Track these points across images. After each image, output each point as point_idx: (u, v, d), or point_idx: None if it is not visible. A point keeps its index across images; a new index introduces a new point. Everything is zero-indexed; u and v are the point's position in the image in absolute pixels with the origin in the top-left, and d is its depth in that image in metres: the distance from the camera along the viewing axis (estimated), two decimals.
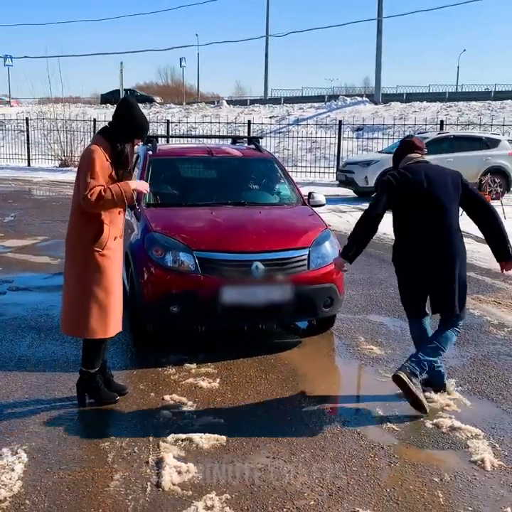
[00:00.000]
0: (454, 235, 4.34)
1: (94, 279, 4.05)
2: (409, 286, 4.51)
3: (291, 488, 3.34)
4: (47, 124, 26.32)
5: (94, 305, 4.07)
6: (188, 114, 32.99)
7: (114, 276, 4.14)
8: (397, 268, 4.56)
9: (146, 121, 4.15)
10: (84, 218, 4.06)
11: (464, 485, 3.40)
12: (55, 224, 12.22)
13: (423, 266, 4.35)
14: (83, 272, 4.07)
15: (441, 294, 4.41)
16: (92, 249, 4.03)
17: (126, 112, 4.06)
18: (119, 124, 4.05)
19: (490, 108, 28.02)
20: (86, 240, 4.05)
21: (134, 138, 4.10)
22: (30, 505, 3.16)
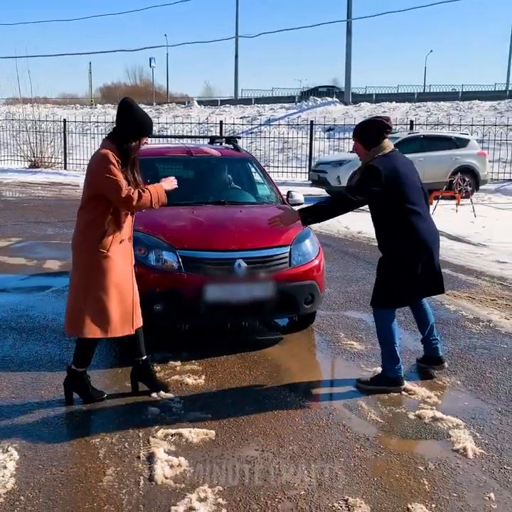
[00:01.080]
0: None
1: (96, 280, 4.08)
2: (415, 277, 4.47)
3: (282, 479, 3.41)
4: (16, 125, 26.02)
5: (92, 305, 4.09)
6: (158, 114, 32.93)
7: (117, 279, 4.13)
8: (402, 259, 4.47)
9: (149, 118, 4.20)
10: (90, 220, 4.09)
11: (448, 472, 3.52)
12: (28, 225, 12.15)
13: (433, 250, 4.49)
14: (85, 273, 4.11)
15: (439, 273, 4.60)
16: (96, 250, 4.06)
17: (127, 112, 4.10)
18: (123, 125, 4.09)
19: (458, 108, 28.53)
20: (91, 242, 4.08)
21: (141, 136, 4.15)
22: (25, 501, 3.18)
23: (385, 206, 4.45)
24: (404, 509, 3.15)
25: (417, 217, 4.44)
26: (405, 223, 4.42)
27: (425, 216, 4.52)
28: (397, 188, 4.38)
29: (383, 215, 4.51)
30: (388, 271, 4.55)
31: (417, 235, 4.42)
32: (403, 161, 4.56)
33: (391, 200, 4.39)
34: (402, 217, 4.41)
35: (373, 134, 4.53)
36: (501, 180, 19.86)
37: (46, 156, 24.95)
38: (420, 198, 4.55)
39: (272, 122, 27.03)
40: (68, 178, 22.22)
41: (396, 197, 4.38)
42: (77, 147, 25.21)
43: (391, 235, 4.50)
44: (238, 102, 42.77)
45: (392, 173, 4.35)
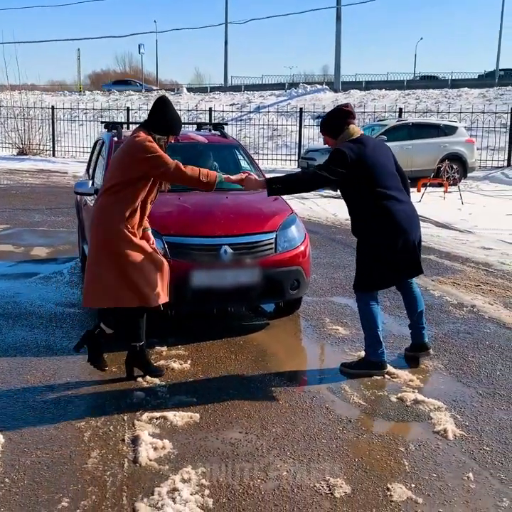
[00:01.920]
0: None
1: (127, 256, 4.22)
2: (392, 260, 4.52)
3: (264, 460, 3.46)
4: (4, 112, 25.89)
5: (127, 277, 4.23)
6: (147, 101, 32.76)
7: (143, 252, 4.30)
8: (378, 244, 4.49)
9: (179, 119, 4.42)
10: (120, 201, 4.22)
11: (428, 453, 3.58)
12: (16, 212, 12.12)
13: (408, 232, 4.50)
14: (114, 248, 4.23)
15: (415, 254, 4.62)
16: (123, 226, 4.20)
17: (163, 109, 4.32)
18: (156, 119, 4.29)
19: (447, 96, 28.57)
20: (117, 219, 4.20)
21: (169, 134, 4.33)
22: (10, 483, 3.22)
23: (356, 190, 4.49)
24: (384, 489, 3.21)
25: (389, 201, 4.46)
26: (378, 208, 4.45)
27: (401, 199, 4.52)
28: (365, 171, 4.41)
29: (355, 200, 4.55)
30: (364, 255, 4.60)
31: (391, 218, 4.44)
32: (373, 144, 4.58)
33: (362, 184, 4.43)
34: (374, 202, 4.44)
35: (335, 122, 4.60)
36: (489, 168, 19.94)
37: (34, 143, 24.83)
38: (394, 182, 4.56)
39: (262, 109, 26.99)
40: (56, 166, 22.15)
41: (366, 180, 4.42)
42: (65, 134, 25.11)
43: (364, 220, 4.53)
44: (228, 89, 42.58)
45: (358, 156, 4.39)
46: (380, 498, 3.14)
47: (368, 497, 3.15)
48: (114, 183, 4.26)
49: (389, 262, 4.53)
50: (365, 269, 4.61)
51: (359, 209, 4.55)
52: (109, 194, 4.28)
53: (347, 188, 4.54)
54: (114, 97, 35.63)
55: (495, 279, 7.40)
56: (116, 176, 4.28)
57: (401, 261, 4.55)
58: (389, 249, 4.47)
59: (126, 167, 4.24)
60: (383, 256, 4.49)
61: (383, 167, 4.53)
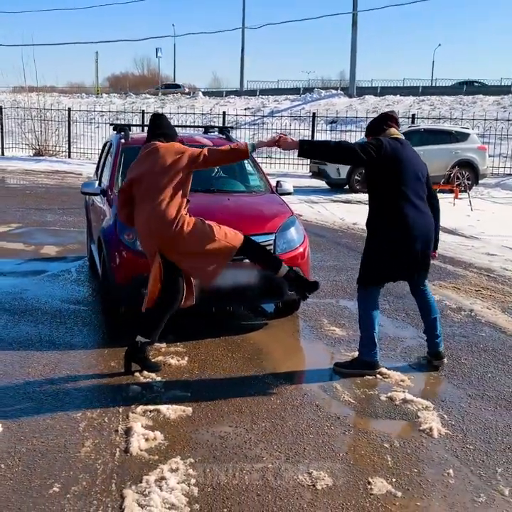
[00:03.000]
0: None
1: None
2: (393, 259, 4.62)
3: (251, 453, 3.57)
4: (21, 113, 26.20)
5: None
6: (163, 104, 33.06)
7: None
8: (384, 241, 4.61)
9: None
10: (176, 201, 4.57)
11: (412, 450, 3.67)
12: (29, 212, 12.32)
13: (417, 239, 4.58)
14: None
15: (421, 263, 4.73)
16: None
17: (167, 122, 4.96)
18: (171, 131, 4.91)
19: (461, 102, 28.55)
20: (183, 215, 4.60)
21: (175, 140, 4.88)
22: (5, 469, 3.35)
23: (381, 185, 4.60)
24: (365, 482, 3.31)
25: (408, 205, 4.56)
26: (395, 207, 4.55)
27: (420, 207, 4.62)
28: (396, 167, 4.52)
29: (377, 194, 4.66)
30: (369, 247, 4.72)
31: (403, 222, 4.54)
32: (410, 148, 4.71)
33: (388, 179, 4.54)
34: (394, 201, 4.55)
35: (377, 124, 4.80)
36: (501, 175, 19.92)
37: (50, 144, 25.12)
38: (419, 189, 4.66)
39: (276, 114, 27.13)
40: (72, 167, 22.39)
41: (393, 176, 4.52)
42: (81, 136, 25.37)
43: (379, 215, 4.64)
44: (243, 93, 42.82)
45: (393, 151, 4.52)
46: (360, 490, 3.24)
47: (349, 489, 3.25)
48: (168, 189, 4.52)
49: (389, 261, 4.63)
50: (365, 261, 4.76)
51: (378, 204, 4.67)
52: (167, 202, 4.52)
53: (373, 180, 4.66)
54: (130, 100, 35.98)
55: (496, 284, 7.46)
56: (166, 184, 4.52)
57: (403, 263, 4.64)
58: (392, 246, 4.57)
59: (172, 171, 4.53)
60: (385, 251, 4.60)
61: (413, 171, 4.62)
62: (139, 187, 4.65)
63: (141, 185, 4.63)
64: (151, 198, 4.55)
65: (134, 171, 4.76)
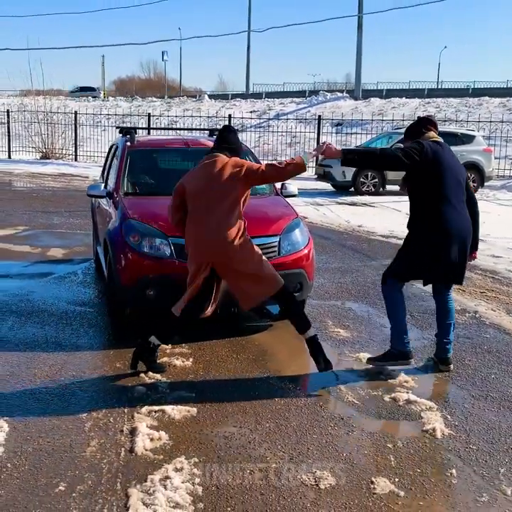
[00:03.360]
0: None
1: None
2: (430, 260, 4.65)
3: (255, 453, 3.60)
4: (28, 117, 26.34)
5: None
6: (169, 107, 33.17)
7: None
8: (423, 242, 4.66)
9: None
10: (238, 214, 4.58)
11: (415, 450, 3.69)
12: (35, 214, 12.39)
13: (454, 241, 4.61)
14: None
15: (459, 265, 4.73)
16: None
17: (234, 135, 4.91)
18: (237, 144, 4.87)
19: (467, 105, 28.53)
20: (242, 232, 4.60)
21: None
22: (12, 468, 3.39)
23: (422, 187, 4.63)
24: (368, 482, 3.33)
25: (449, 208, 4.61)
26: (436, 210, 4.59)
27: (460, 210, 4.66)
28: (437, 170, 4.56)
29: (418, 197, 4.70)
30: (411, 250, 4.75)
31: (444, 225, 4.59)
32: (450, 151, 4.76)
33: (429, 182, 4.58)
34: (435, 203, 4.59)
35: (415, 128, 4.84)
36: (507, 177, 19.89)
37: (57, 147, 25.27)
38: (459, 192, 4.70)
39: (281, 117, 27.18)
40: (78, 170, 22.49)
41: (434, 179, 4.56)
42: (87, 139, 25.49)
43: (421, 218, 4.68)
44: (249, 96, 42.89)
45: (434, 154, 4.57)
46: (363, 490, 3.26)
47: (352, 489, 3.27)
48: (226, 204, 4.51)
49: (430, 264, 4.67)
50: (406, 262, 4.79)
51: (419, 207, 4.70)
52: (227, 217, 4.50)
53: (415, 184, 4.71)
54: (136, 103, 36.10)
55: (501, 286, 7.46)
56: (224, 198, 4.52)
57: (439, 264, 4.66)
58: (433, 252, 4.61)
59: (230, 185, 4.52)
60: (426, 256, 4.64)
61: (454, 175, 4.66)
62: (194, 197, 4.60)
63: (198, 196, 4.58)
64: (209, 210, 4.51)
65: (190, 179, 4.70)
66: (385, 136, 18.32)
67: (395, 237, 10.62)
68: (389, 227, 11.51)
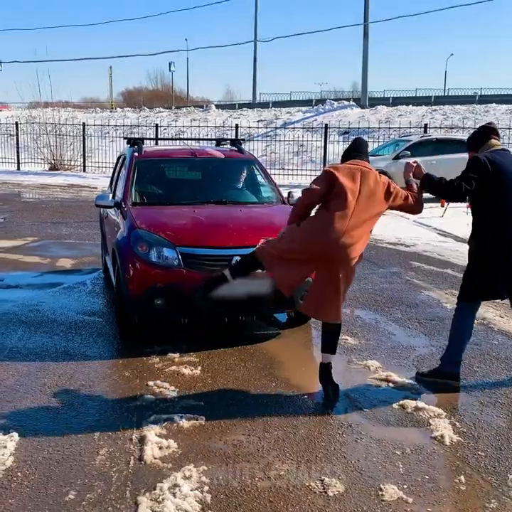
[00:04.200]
0: None
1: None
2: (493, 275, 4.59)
3: (264, 460, 3.61)
4: (36, 128, 26.51)
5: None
6: (177, 118, 33.29)
7: None
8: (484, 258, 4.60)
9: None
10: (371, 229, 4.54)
11: (424, 457, 3.69)
12: (44, 225, 12.46)
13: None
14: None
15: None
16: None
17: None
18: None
19: (474, 111, 28.48)
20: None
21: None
22: (22, 477, 3.42)
23: (484, 202, 4.55)
24: (377, 489, 3.33)
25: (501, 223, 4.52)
26: (498, 222, 4.52)
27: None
28: (497, 180, 4.46)
29: (480, 210, 4.62)
30: (470, 263, 4.71)
31: (505, 236, 4.52)
32: (510, 159, 4.63)
33: (491, 192, 4.49)
34: (497, 216, 4.51)
35: (477, 137, 4.78)
36: None
37: (66, 158, 25.40)
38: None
39: (288, 126, 27.23)
40: (87, 181, 22.60)
41: (495, 189, 4.47)
42: (96, 150, 25.59)
43: (481, 229, 4.61)
44: (256, 105, 42.99)
45: (494, 164, 4.46)
46: (371, 497, 3.27)
47: (361, 496, 3.28)
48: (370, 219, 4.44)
49: (488, 275, 4.59)
50: (465, 277, 4.76)
51: (480, 219, 4.62)
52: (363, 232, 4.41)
53: (476, 197, 4.61)
54: (144, 114, 36.27)
55: None
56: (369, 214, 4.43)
57: (503, 278, 4.60)
58: (492, 262, 4.55)
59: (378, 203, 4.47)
60: (485, 267, 4.58)
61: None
62: (341, 201, 4.36)
63: (345, 201, 4.36)
64: (351, 218, 4.34)
65: (344, 181, 4.40)
66: (392, 144, 18.35)
67: (403, 245, 10.64)
68: (396, 235, 11.51)
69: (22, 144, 26.30)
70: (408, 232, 12.01)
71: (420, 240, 11.08)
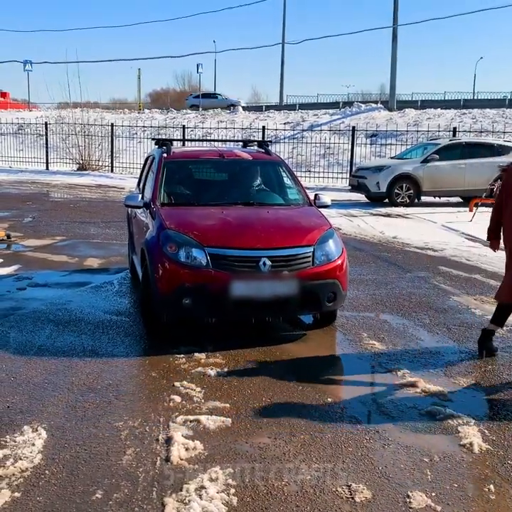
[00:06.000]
0: None
1: None
2: None
3: (290, 464, 3.59)
4: (65, 129, 26.81)
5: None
6: (204, 119, 33.40)
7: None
8: None
9: None
10: None
11: (452, 465, 3.64)
12: (72, 225, 12.58)
13: None
14: None
15: None
16: None
17: None
18: None
19: (504, 115, 28.14)
20: None
21: None
22: (50, 475, 3.44)
23: None
24: (405, 496, 3.30)
25: None
26: None
27: None
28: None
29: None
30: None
31: None
32: None
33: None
34: None
35: None
36: None
37: (94, 159, 25.63)
38: None
39: (315, 128, 27.15)
40: (114, 181, 22.79)
41: None
42: (124, 151, 25.80)
43: None
44: (283, 107, 43.00)
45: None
46: (399, 504, 3.23)
47: (388, 503, 3.24)
48: None
49: None
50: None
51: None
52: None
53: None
54: (171, 115, 36.43)
55: None
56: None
57: None
58: None
59: None
60: None
61: None
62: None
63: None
64: None
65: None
66: (420, 147, 18.19)
67: (431, 249, 10.54)
68: (424, 239, 11.42)
69: (51, 144, 26.63)
70: (436, 236, 11.90)
71: (448, 245, 10.97)
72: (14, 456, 3.61)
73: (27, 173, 25.01)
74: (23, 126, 29.96)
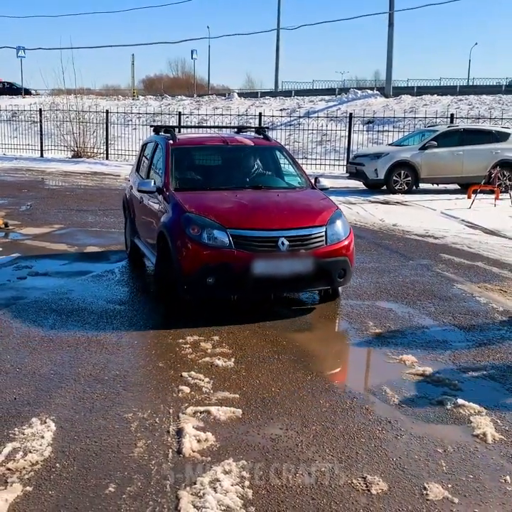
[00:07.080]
0: None
1: None
2: None
3: (304, 456, 3.56)
4: (60, 116, 26.57)
5: None
6: (199, 106, 33.22)
7: None
8: None
9: None
10: None
11: (466, 456, 3.61)
12: (70, 213, 12.48)
13: None
14: None
15: None
16: None
17: None
18: None
19: (501, 102, 28.10)
20: None
21: None
22: (61, 468, 3.40)
23: None
24: (421, 487, 3.26)
25: None
26: None
27: None
28: None
29: None
30: None
31: None
32: None
33: None
34: None
35: None
36: None
37: (89, 146, 25.44)
38: None
39: (311, 115, 27.03)
40: (110, 168, 22.65)
41: None
42: (119, 138, 25.61)
43: None
44: (278, 94, 42.80)
45: None
46: (416, 496, 3.20)
47: (404, 495, 3.21)
48: None
49: None
50: None
51: None
52: None
53: None
54: (166, 101, 36.21)
55: None
56: None
57: None
58: None
59: None
60: None
61: None
62: None
63: None
64: None
65: None
66: (417, 134, 18.11)
67: (431, 237, 10.50)
68: (424, 227, 11.38)
69: (45, 131, 26.41)
70: (436, 223, 11.86)
71: (449, 232, 10.93)
72: (24, 449, 3.57)
73: (22, 160, 24.82)
74: (17, 113, 29.71)
